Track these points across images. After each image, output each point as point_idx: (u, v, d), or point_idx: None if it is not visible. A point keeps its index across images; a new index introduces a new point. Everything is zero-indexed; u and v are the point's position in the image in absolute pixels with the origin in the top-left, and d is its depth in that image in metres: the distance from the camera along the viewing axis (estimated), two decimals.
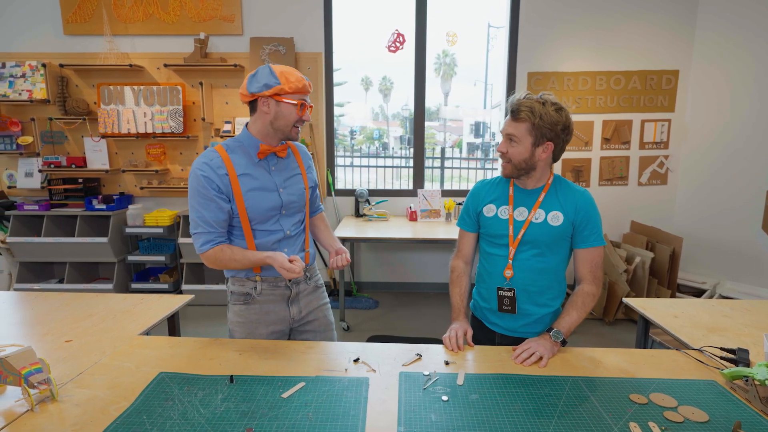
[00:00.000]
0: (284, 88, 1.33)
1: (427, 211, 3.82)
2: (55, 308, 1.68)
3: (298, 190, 1.51)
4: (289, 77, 1.34)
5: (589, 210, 1.40)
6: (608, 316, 3.46)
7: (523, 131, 1.36)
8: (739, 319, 1.62)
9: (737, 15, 3.53)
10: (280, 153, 1.45)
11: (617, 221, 4.05)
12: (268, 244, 1.46)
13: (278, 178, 1.46)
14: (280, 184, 1.46)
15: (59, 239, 3.63)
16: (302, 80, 1.37)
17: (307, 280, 1.57)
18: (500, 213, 1.47)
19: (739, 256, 3.59)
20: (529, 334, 1.45)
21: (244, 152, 1.42)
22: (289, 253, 1.49)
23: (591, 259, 1.42)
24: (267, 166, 1.45)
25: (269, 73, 1.34)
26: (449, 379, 1.19)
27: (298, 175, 1.52)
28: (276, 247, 1.47)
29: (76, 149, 3.87)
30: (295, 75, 1.36)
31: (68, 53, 3.72)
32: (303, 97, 1.38)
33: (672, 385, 1.16)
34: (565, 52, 3.81)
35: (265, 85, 1.33)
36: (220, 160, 1.38)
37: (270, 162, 1.46)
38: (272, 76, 1.33)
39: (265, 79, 1.33)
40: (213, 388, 1.14)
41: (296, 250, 1.53)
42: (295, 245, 1.53)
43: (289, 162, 1.52)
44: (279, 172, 1.47)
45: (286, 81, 1.34)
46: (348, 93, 12.25)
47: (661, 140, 3.96)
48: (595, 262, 1.42)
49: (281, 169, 1.48)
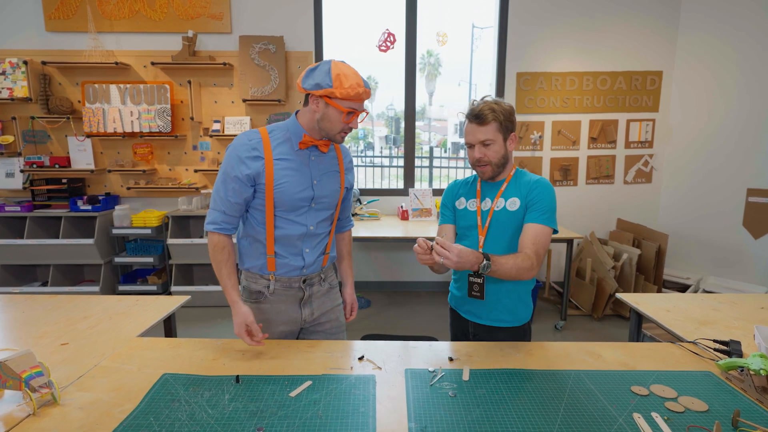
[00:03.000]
0: (335, 92, 1.28)
1: (418, 210, 3.84)
2: (47, 311, 1.64)
3: (332, 186, 1.48)
4: (344, 82, 1.27)
5: (540, 192, 1.43)
6: (597, 312, 3.53)
7: (494, 131, 1.42)
8: (728, 312, 1.68)
9: (719, 16, 3.63)
10: (322, 147, 1.42)
11: (604, 219, 4.14)
12: (289, 238, 1.43)
13: (315, 171, 1.43)
14: (316, 177, 1.43)
15: (43, 241, 3.54)
16: (358, 88, 1.29)
17: (322, 281, 1.55)
18: (469, 205, 1.54)
19: (721, 252, 3.70)
20: (501, 322, 1.50)
21: (287, 138, 1.40)
22: (310, 254, 1.47)
23: (534, 233, 1.39)
24: (307, 156, 1.42)
25: (326, 73, 1.28)
26: (455, 375, 1.21)
27: (335, 173, 1.50)
28: (298, 243, 1.44)
29: (59, 149, 3.78)
30: (351, 80, 1.28)
31: (51, 50, 3.63)
32: (354, 105, 1.32)
33: (670, 377, 1.20)
34: (553, 52, 3.87)
35: (317, 85, 1.29)
36: (259, 141, 1.36)
37: (311, 153, 1.43)
38: (327, 77, 1.28)
39: (319, 78, 1.29)
40: (219, 388, 1.13)
41: (318, 252, 1.49)
42: (318, 246, 1.49)
43: (330, 158, 1.49)
44: (317, 165, 1.44)
45: (340, 85, 1.27)
46: None
47: (646, 140, 4.05)
48: (539, 239, 1.38)
49: (320, 162, 1.45)
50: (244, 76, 3.66)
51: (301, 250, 1.46)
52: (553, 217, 1.43)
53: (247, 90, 3.67)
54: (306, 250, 1.46)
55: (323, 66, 1.30)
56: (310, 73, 1.32)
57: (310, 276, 1.50)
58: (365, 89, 1.32)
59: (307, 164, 1.42)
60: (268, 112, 3.79)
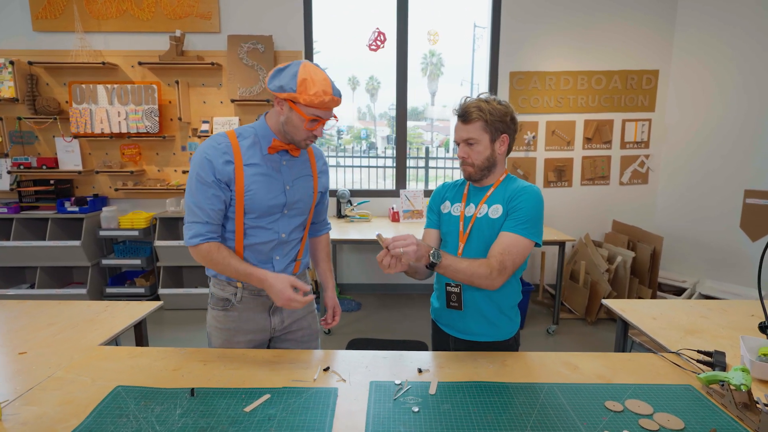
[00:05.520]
0: (298, 98, 1.22)
1: (409, 211, 3.78)
2: (12, 317, 1.60)
3: (305, 191, 1.43)
4: (310, 88, 1.21)
5: (523, 199, 1.33)
6: (590, 316, 3.46)
7: (479, 131, 1.35)
8: (717, 320, 1.61)
9: (717, 14, 3.56)
10: (292, 151, 1.37)
11: (599, 221, 4.07)
12: (260, 247, 1.38)
13: (287, 176, 1.38)
14: (288, 182, 1.38)
15: (30, 243, 3.51)
16: (323, 96, 1.22)
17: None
18: (453, 210, 1.47)
19: (718, 255, 3.62)
20: (482, 336, 1.42)
21: (256, 142, 1.34)
22: (281, 261, 1.41)
23: (507, 243, 1.29)
24: (278, 161, 1.37)
25: (292, 76, 1.22)
26: (421, 388, 1.15)
27: (308, 177, 1.45)
28: (268, 251, 1.39)
29: (47, 150, 3.74)
30: (317, 87, 1.21)
31: (38, 50, 3.60)
32: (319, 113, 1.26)
33: (648, 391, 1.14)
34: (547, 51, 3.80)
35: (281, 87, 1.23)
36: (228, 146, 1.30)
37: (282, 157, 1.38)
38: (293, 81, 1.22)
39: (284, 81, 1.23)
40: (172, 402, 1.07)
41: (289, 259, 1.44)
42: (290, 253, 1.44)
43: (302, 161, 1.43)
44: (289, 170, 1.39)
45: (304, 91, 1.21)
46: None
47: (642, 140, 3.98)
48: (510, 250, 1.28)
49: (292, 167, 1.40)
50: (233, 76, 3.62)
51: (271, 258, 1.41)
52: (534, 229, 1.32)
53: (236, 90, 3.63)
54: (276, 257, 1.41)
55: (291, 68, 1.25)
56: (277, 74, 1.26)
57: None
58: (333, 97, 1.25)
59: (278, 169, 1.37)
60: (257, 112, 3.74)
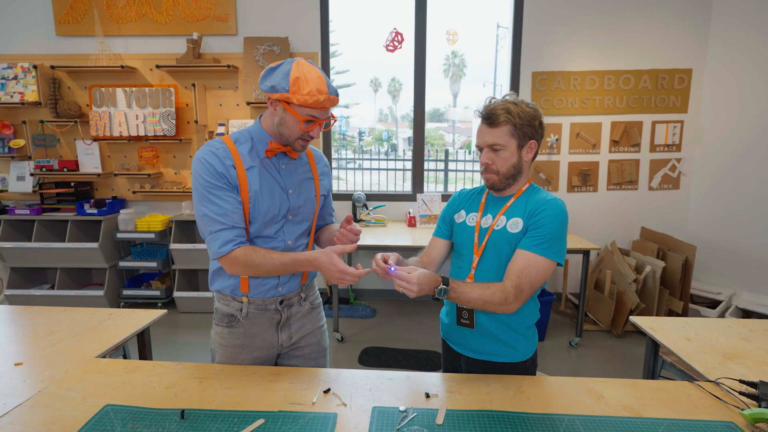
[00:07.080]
0: (291, 98, 1.16)
1: (426, 216, 3.67)
2: (17, 323, 1.57)
3: (308, 195, 1.37)
4: (303, 87, 1.15)
5: (545, 215, 1.21)
6: (616, 329, 3.29)
7: (506, 136, 1.23)
8: (760, 344, 1.46)
9: (754, 14, 3.34)
10: (290, 153, 1.31)
11: (626, 228, 3.88)
12: None
13: (288, 180, 1.32)
14: (290, 186, 1.32)
15: (50, 244, 3.56)
16: (318, 95, 1.16)
17: (302, 301, 1.41)
18: (468, 220, 1.36)
19: (756, 265, 3.39)
20: (496, 357, 1.31)
21: (253, 146, 1.28)
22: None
23: (525, 263, 1.19)
24: (277, 164, 1.30)
25: (284, 75, 1.17)
26: (428, 416, 1.06)
27: (309, 180, 1.38)
28: None
29: (68, 152, 3.80)
30: (311, 86, 1.16)
31: (60, 55, 3.65)
32: (314, 113, 1.20)
33: (684, 428, 1.02)
34: (571, 50, 3.65)
35: (273, 88, 1.18)
36: (227, 151, 1.23)
37: (281, 161, 1.31)
38: (285, 80, 1.16)
39: (276, 80, 1.18)
40: (160, 425, 1.01)
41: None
42: None
43: (301, 164, 1.37)
44: (289, 173, 1.32)
45: (297, 90, 1.15)
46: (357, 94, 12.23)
47: (673, 142, 3.77)
48: (527, 272, 1.19)
49: (292, 170, 1.33)
50: (249, 78, 3.59)
51: None
52: (555, 247, 1.21)
53: (252, 92, 3.60)
54: None
55: (284, 66, 1.18)
56: (269, 74, 1.19)
57: (288, 296, 1.37)
58: (328, 96, 1.18)
59: (278, 173, 1.30)
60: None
